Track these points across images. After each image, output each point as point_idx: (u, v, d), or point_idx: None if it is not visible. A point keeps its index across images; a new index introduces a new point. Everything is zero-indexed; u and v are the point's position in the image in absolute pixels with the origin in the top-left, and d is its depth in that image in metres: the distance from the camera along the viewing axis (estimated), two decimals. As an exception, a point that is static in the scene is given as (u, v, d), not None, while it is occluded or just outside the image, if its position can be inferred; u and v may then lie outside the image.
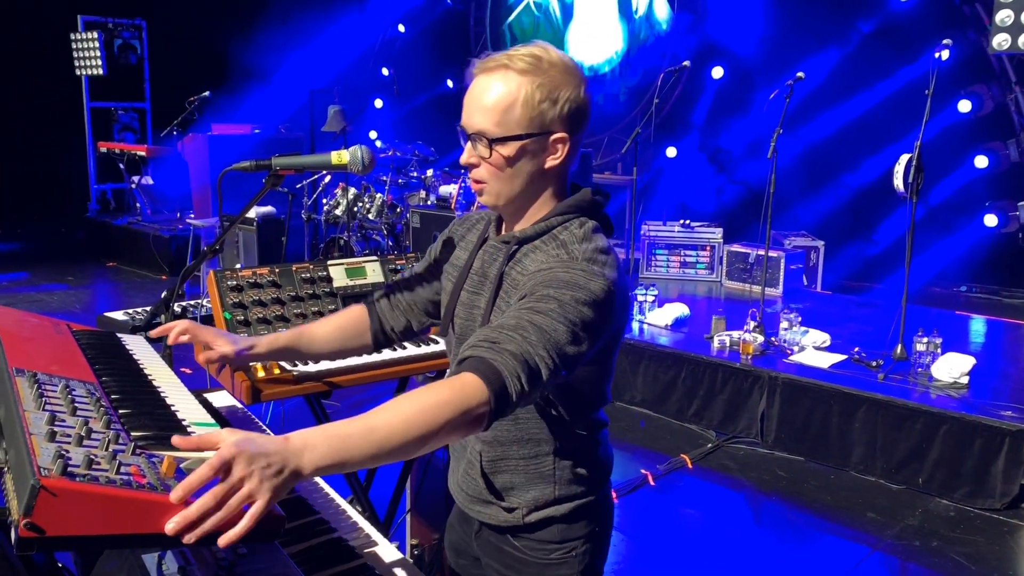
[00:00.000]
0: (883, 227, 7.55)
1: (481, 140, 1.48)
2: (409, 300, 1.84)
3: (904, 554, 3.71)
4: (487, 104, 1.47)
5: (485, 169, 1.51)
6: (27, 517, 0.92)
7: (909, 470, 4.26)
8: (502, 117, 1.46)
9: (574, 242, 1.50)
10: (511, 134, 1.47)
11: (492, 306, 1.54)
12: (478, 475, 1.62)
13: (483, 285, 1.60)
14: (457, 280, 1.67)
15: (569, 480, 1.60)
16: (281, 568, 1.32)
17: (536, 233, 1.55)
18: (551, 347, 1.33)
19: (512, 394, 1.28)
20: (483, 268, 1.62)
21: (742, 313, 5.49)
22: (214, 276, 2.38)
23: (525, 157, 1.49)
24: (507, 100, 1.46)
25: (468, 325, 1.61)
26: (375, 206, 7.28)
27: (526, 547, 1.63)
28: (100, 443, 1.10)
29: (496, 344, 1.31)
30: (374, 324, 1.85)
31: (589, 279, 1.41)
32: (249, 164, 1.78)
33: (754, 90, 7.98)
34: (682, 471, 4.50)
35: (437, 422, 1.20)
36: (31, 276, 8.57)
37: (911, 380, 4.54)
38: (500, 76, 1.46)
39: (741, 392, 4.83)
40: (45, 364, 1.37)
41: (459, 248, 1.75)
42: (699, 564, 3.61)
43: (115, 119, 10.50)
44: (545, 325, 1.34)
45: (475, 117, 1.48)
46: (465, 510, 1.71)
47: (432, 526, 2.95)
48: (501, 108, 1.46)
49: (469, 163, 1.52)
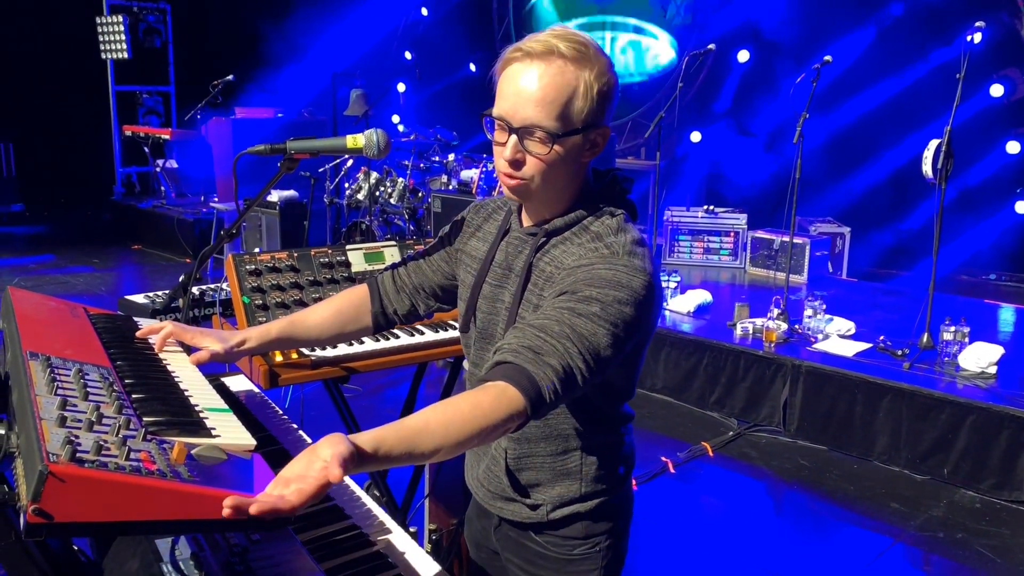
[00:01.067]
0: (910, 214, 7.43)
1: (536, 135, 1.38)
2: (416, 283, 1.79)
3: (928, 546, 3.66)
4: (545, 96, 1.36)
5: (533, 165, 1.41)
6: (35, 503, 0.92)
7: (934, 460, 4.20)
8: (562, 111, 1.37)
9: (609, 234, 1.45)
10: (570, 129, 1.38)
11: (520, 299, 1.50)
12: (502, 472, 1.59)
13: (507, 278, 1.56)
14: (478, 273, 1.61)
15: (595, 476, 1.57)
16: (294, 555, 1.31)
17: (566, 224, 1.49)
18: (590, 354, 1.31)
19: (547, 404, 1.28)
20: (507, 261, 1.57)
21: (766, 300, 5.43)
22: (233, 260, 2.37)
23: (573, 153, 1.42)
24: (567, 93, 1.37)
25: (491, 319, 1.58)
26: (397, 190, 7.27)
27: (549, 543, 1.61)
28: (111, 428, 1.09)
29: (540, 356, 1.28)
30: (375, 305, 1.79)
31: (632, 276, 1.37)
32: (264, 148, 1.76)
33: (780, 74, 7.87)
34: (703, 459, 4.46)
35: (472, 430, 1.20)
36: (57, 258, 8.66)
37: (938, 369, 4.47)
38: (557, 66, 1.36)
39: (764, 380, 4.79)
40: (60, 348, 1.36)
41: (476, 239, 1.69)
42: (719, 553, 3.59)
43: (140, 103, 10.57)
44: (586, 331, 1.31)
45: (528, 110, 1.37)
46: (485, 506, 1.68)
47: (450, 511, 2.94)
48: (561, 102, 1.36)
49: (515, 159, 1.41)
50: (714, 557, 3.56)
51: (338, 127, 9.10)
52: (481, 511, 1.74)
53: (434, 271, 1.78)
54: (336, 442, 1.08)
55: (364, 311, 1.79)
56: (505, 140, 1.42)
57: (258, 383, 2.18)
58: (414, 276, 1.79)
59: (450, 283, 1.77)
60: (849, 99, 7.50)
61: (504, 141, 1.42)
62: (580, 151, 1.44)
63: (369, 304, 1.80)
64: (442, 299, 1.80)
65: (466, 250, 1.69)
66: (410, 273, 1.80)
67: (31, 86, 10.61)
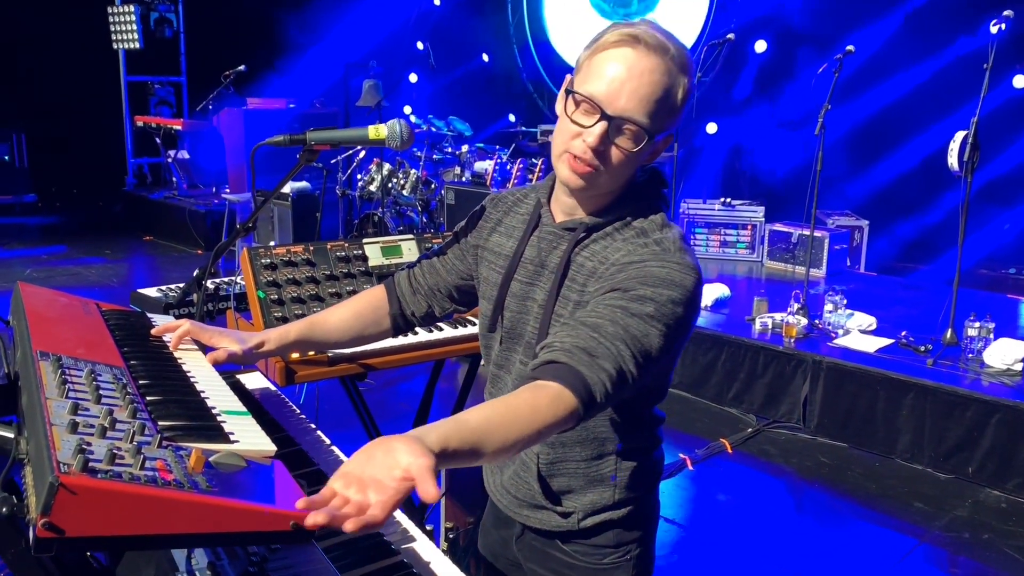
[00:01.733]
0: (930, 206, 7.31)
1: (630, 129, 1.33)
2: (432, 284, 1.71)
3: (953, 547, 3.59)
4: (651, 93, 1.31)
5: (613, 158, 1.35)
6: (45, 516, 0.86)
7: (958, 459, 4.12)
8: (659, 111, 1.33)
9: (655, 230, 1.40)
10: (658, 131, 1.35)
11: (556, 296, 1.43)
12: (533, 478, 1.53)
13: (540, 275, 1.49)
14: (507, 270, 1.54)
15: (628, 483, 1.51)
16: (315, 564, 1.25)
17: (607, 221, 1.43)
18: (642, 355, 1.27)
19: (597, 407, 1.24)
20: (540, 257, 1.50)
21: (783, 294, 5.35)
22: (248, 253, 2.32)
23: (645, 153, 1.38)
24: (667, 94, 1.33)
25: (520, 318, 1.51)
26: (409, 182, 7.21)
27: (577, 552, 1.54)
28: (125, 435, 1.03)
29: (594, 359, 1.23)
30: (393, 307, 1.72)
31: (684, 275, 1.33)
32: (283, 138, 1.70)
33: (800, 64, 7.75)
34: (721, 456, 4.40)
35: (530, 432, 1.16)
36: (69, 249, 8.65)
37: (962, 366, 4.39)
38: (666, 65, 1.32)
39: (783, 376, 4.71)
40: (71, 347, 1.31)
41: (498, 235, 1.61)
42: (737, 552, 3.52)
43: (151, 93, 10.53)
44: (639, 331, 1.27)
45: (630, 101, 1.31)
46: (509, 514, 1.61)
47: (467, 509, 2.89)
48: (660, 100, 1.32)
49: (599, 149, 1.34)
50: (732, 556, 3.50)
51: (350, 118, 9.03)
52: (500, 520, 1.67)
53: (448, 271, 1.70)
54: (415, 449, 0.98)
55: (383, 313, 1.73)
56: (592, 124, 1.33)
57: (274, 380, 2.13)
58: (429, 277, 1.72)
59: (466, 283, 1.69)
60: (869, 90, 7.39)
61: (590, 124, 1.33)
62: (648, 154, 1.40)
63: (387, 306, 1.73)
64: (458, 300, 1.73)
65: (488, 246, 1.62)
66: (425, 274, 1.73)
67: (43, 76, 10.58)
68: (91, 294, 6.16)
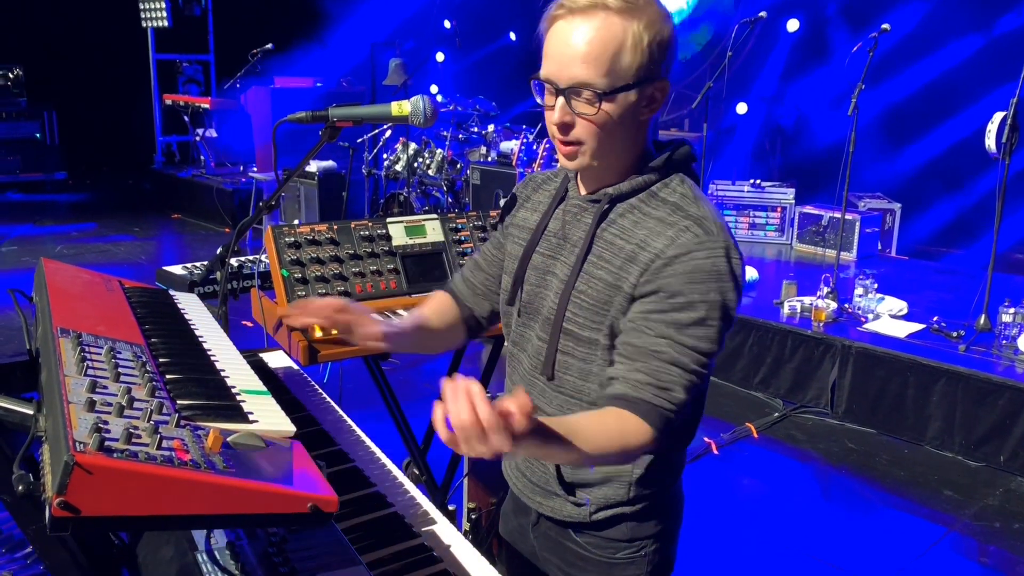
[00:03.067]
0: (966, 189, 7.16)
1: (584, 94, 1.29)
2: (483, 282, 1.68)
3: (983, 536, 3.53)
4: (590, 52, 1.27)
5: (584, 128, 1.33)
6: (61, 495, 0.85)
7: (990, 447, 4.05)
8: (610, 66, 1.28)
9: (688, 204, 1.37)
10: (620, 85, 1.29)
11: (579, 270, 1.40)
12: (550, 464, 1.50)
13: (562, 248, 1.46)
14: (528, 243, 1.51)
15: (644, 478, 1.46)
16: (335, 546, 1.24)
17: (632, 190, 1.40)
18: (702, 363, 1.31)
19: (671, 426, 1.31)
20: (563, 230, 1.47)
21: (813, 278, 5.27)
22: (272, 232, 2.30)
23: (629, 109, 1.32)
24: (614, 46, 1.28)
25: (538, 292, 1.48)
26: (435, 162, 7.18)
27: (590, 544, 1.51)
28: (142, 414, 1.02)
29: (667, 392, 1.29)
30: (464, 311, 1.69)
31: (729, 259, 1.33)
32: (305, 115, 1.68)
33: (832, 44, 7.60)
34: (747, 440, 4.36)
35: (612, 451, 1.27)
36: (99, 227, 8.73)
37: (995, 353, 4.31)
38: (601, 19, 1.27)
39: (812, 360, 4.65)
40: (92, 324, 1.30)
41: (524, 210, 1.59)
42: (762, 537, 3.49)
43: (180, 71, 10.56)
44: (695, 343, 1.30)
45: (573, 68, 1.29)
46: (523, 499, 1.59)
47: (490, 490, 2.88)
48: (608, 56, 1.27)
49: (564, 122, 1.33)
50: (757, 541, 3.47)
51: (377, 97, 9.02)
52: (518, 507, 1.65)
53: (490, 264, 1.68)
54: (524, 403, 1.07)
55: (458, 319, 1.70)
56: (552, 104, 1.33)
57: (297, 359, 2.12)
58: (479, 275, 1.69)
59: None
60: (905, 69, 7.23)
61: (553, 104, 1.33)
62: (636, 108, 1.34)
63: (457, 310, 1.70)
64: None
65: (515, 222, 1.60)
66: (474, 273, 1.69)
67: (74, 55, 10.65)
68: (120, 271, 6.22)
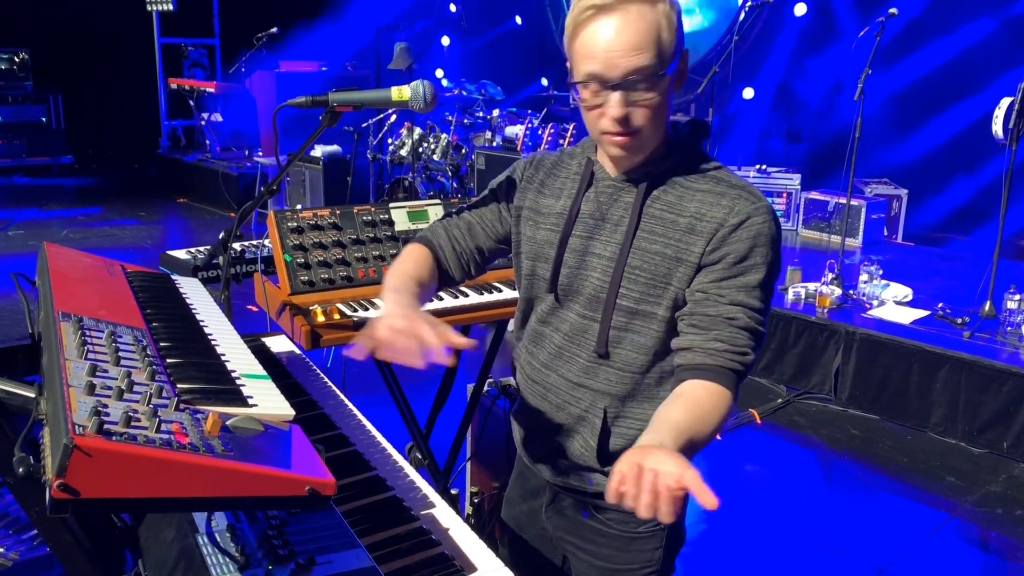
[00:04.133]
0: (972, 175, 7.12)
1: (644, 80, 1.32)
2: (471, 246, 1.65)
3: (985, 522, 3.54)
4: (639, 40, 1.31)
5: (641, 115, 1.35)
6: (60, 478, 0.86)
7: (993, 433, 4.05)
8: (659, 48, 1.32)
9: (725, 175, 1.46)
10: (671, 64, 1.35)
11: (629, 246, 1.43)
12: (593, 435, 1.49)
13: (600, 229, 1.47)
14: (563, 228, 1.51)
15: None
16: (335, 528, 1.25)
17: (670, 167, 1.45)
18: (764, 323, 1.40)
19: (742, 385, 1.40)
20: (600, 211, 1.48)
21: (818, 264, 5.26)
22: (275, 217, 2.31)
23: (674, 86, 1.39)
24: (656, 30, 1.32)
25: (577, 274, 1.49)
26: (440, 147, 7.16)
27: (612, 520, 1.54)
28: (142, 397, 1.03)
29: (743, 356, 1.37)
30: (441, 265, 1.64)
31: (777, 222, 1.43)
32: (305, 100, 1.67)
33: (839, 28, 7.55)
34: (750, 426, 4.36)
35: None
36: (105, 211, 8.75)
37: (1000, 339, 4.30)
38: (635, 9, 1.31)
39: (815, 347, 4.65)
40: (93, 308, 1.31)
41: (545, 196, 1.56)
42: (764, 523, 3.50)
43: (185, 55, 10.54)
44: (759, 303, 1.39)
45: (626, 60, 1.31)
46: (545, 477, 1.60)
47: (492, 474, 2.89)
48: (654, 39, 1.32)
49: (624, 115, 1.34)
50: (760, 526, 3.48)
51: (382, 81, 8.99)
52: (528, 491, 1.65)
53: (488, 235, 1.65)
54: (680, 463, 1.11)
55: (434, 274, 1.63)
56: (603, 100, 1.35)
57: (300, 344, 2.13)
58: (468, 240, 1.66)
59: (498, 247, 1.66)
60: (912, 54, 7.18)
61: (602, 102, 1.35)
62: (673, 84, 1.39)
63: (435, 268, 1.64)
64: (487, 261, 1.70)
65: (537, 208, 1.57)
66: (465, 236, 1.66)
67: (79, 39, 10.63)
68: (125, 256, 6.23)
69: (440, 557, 1.27)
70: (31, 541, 2.55)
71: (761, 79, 8.27)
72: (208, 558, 1.12)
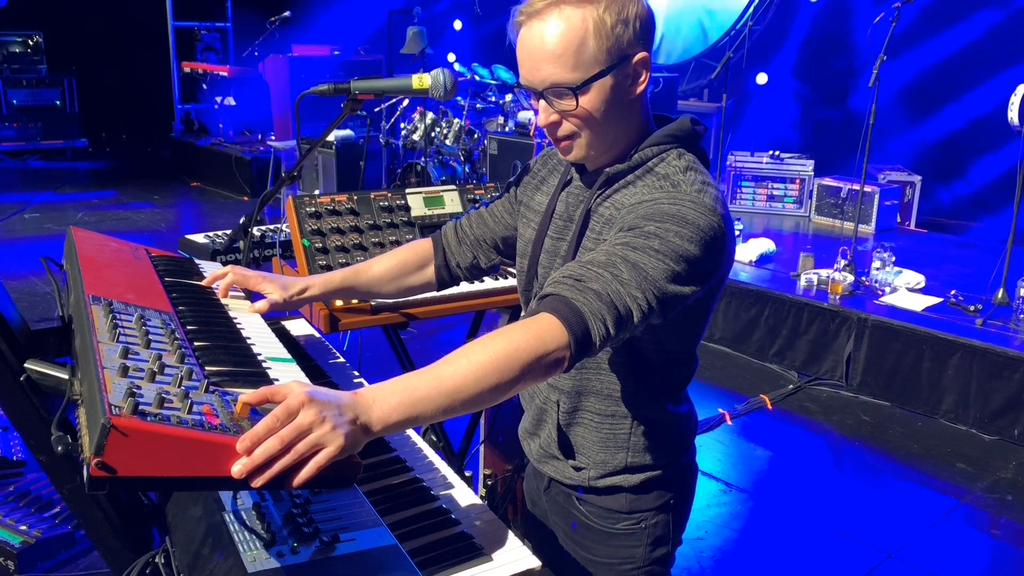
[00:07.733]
0: (987, 162, 7.08)
1: (559, 93, 1.31)
2: (478, 235, 1.72)
3: (995, 508, 3.55)
4: (554, 51, 1.28)
5: (571, 123, 1.34)
6: (98, 456, 0.89)
7: (1005, 421, 4.06)
8: (576, 59, 1.28)
9: (676, 173, 1.35)
10: (593, 74, 1.29)
11: (577, 244, 1.42)
12: (553, 427, 1.54)
13: (567, 229, 1.48)
14: (539, 227, 1.54)
15: (643, 447, 1.49)
16: (358, 508, 1.28)
17: (629, 167, 1.40)
18: (646, 287, 1.21)
19: (595, 340, 1.19)
20: (568, 211, 1.49)
21: (831, 250, 5.26)
22: (293, 202, 2.33)
23: (612, 93, 1.32)
24: (576, 39, 1.27)
25: (548, 273, 1.51)
26: (452, 132, 7.17)
27: (592, 513, 1.55)
28: (173, 379, 1.06)
29: (580, 282, 1.20)
30: (438, 258, 1.73)
31: (698, 214, 1.26)
32: (327, 87, 1.70)
33: (854, 14, 7.49)
34: (761, 412, 4.38)
35: (512, 370, 1.12)
36: (119, 194, 8.80)
37: (1013, 327, 4.30)
38: (556, 16, 1.27)
39: (827, 333, 4.66)
40: (121, 292, 1.34)
41: (540, 193, 1.60)
42: (775, 508, 3.53)
43: (198, 39, 10.56)
44: (642, 262, 1.22)
45: (543, 70, 1.30)
46: (532, 460, 1.64)
47: (506, 457, 2.93)
48: (572, 50, 1.27)
49: (551, 122, 1.35)
50: (771, 512, 3.51)
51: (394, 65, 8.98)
52: (533, 469, 1.69)
53: (497, 223, 1.71)
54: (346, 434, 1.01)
55: (427, 263, 1.74)
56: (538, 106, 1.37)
57: (318, 327, 2.16)
58: (476, 228, 1.72)
59: (512, 236, 1.69)
60: (928, 40, 7.12)
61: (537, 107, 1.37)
62: (620, 90, 1.33)
63: (432, 257, 1.74)
64: (504, 252, 1.73)
65: (531, 204, 1.61)
66: (472, 225, 1.73)
67: (93, 22, 10.66)
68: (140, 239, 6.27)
69: (460, 535, 1.30)
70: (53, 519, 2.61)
71: (775, 65, 8.22)
72: (235, 535, 1.15)
